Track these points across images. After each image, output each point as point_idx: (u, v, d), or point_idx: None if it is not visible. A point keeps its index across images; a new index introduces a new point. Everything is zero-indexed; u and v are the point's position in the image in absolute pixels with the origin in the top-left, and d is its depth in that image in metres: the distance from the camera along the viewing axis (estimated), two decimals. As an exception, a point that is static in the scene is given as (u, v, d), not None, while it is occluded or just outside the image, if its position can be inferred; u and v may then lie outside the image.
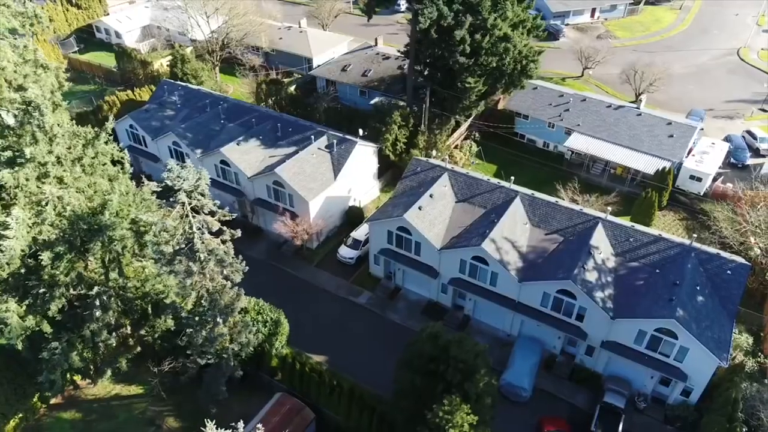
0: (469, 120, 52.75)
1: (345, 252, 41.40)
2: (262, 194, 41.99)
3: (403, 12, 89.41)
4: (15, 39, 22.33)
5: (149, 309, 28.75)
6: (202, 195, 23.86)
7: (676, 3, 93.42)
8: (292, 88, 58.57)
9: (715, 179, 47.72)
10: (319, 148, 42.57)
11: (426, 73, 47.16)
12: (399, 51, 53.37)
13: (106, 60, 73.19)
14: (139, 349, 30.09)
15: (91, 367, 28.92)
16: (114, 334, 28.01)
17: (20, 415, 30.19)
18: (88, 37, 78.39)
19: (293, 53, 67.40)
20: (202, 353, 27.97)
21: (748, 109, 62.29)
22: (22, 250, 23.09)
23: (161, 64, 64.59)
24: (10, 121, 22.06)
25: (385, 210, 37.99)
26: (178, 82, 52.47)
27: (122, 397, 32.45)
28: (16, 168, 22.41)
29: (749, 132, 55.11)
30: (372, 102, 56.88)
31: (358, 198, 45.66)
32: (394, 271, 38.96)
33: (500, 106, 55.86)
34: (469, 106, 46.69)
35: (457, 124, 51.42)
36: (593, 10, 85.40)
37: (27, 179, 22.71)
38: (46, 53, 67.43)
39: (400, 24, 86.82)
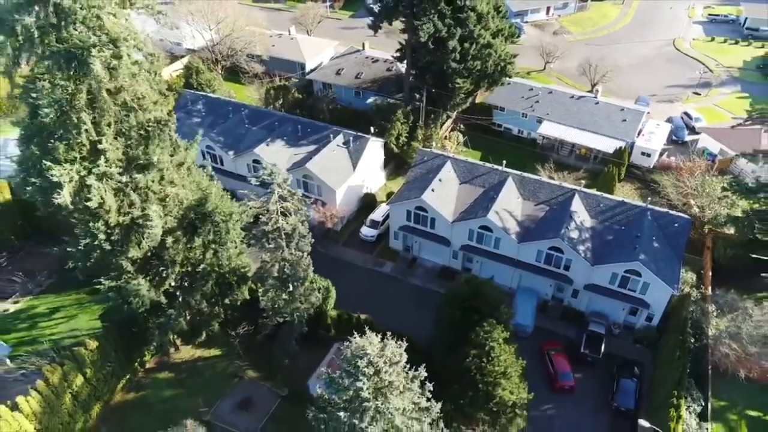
0: (454, 113, 61.13)
1: (366, 231, 49.11)
2: (292, 187, 48.94)
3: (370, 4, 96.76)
4: (150, 75, 28.58)
5: (234, 281, 35.72)
6: (288, 186, 31.15)
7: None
8: (293, 92, 65.12)
9: (661, 154, 57.76)
10: (338, 145, 49.93)
11: (420, 75, 54.83)
12: (392, 56, 60.87)
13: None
14: (223, 315, 36.96)
15: (189, 330, 35.72)
16: (209, 302, 34.93)
17: (127, 376, 36.77)
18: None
19: (287, 59, 73.87)
20: (280, 314, 35.24)
21: (685, 93, 73.09)
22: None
23: (170, 74, 69.81)
24: (141, 134, 28.62)
25: (402, 194, 45.90)
26: (199, 92, 58.44)
27: (205, 359, 39.32)
28: (146, 173, 29.05)
29: (686, 113, 65.69)
30: (368, 102, 64.48)
31: (369, 186, 53.33)
32: (412, 244, 47.01)
33: (478, 101, 64.41)
34: (458, 103, 54.98)
35: (446, 118, 59.69)
36: (548, 8, 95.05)
37: (153, 181, 29.37)
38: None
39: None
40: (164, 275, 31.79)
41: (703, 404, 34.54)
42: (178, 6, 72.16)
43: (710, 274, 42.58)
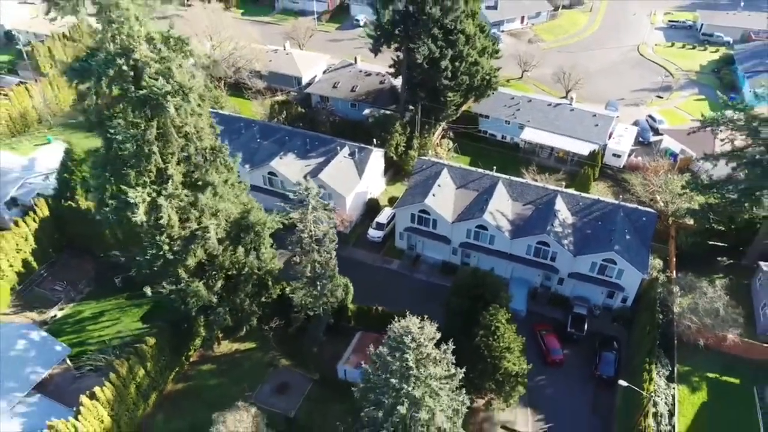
0: (444, 122, 67.09)
1: (373, 233, 54.75)
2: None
3: (362, 26, 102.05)
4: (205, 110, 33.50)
5: (269, 281, 41.00)
6: (321, 200, 36.63)
7: (587, 6, 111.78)
8: (296, 106, 70.20)
9: (629, 155, 64.71)
10: (344, 156, 55.42)
11: (414, 90, 60.54)
12: (387, 72, 66.41)
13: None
14: (258, 311, 42.16)
15: (233, 326, 40.90)
16: (249, 301, 40.17)
17: (176, 368, 41.79)
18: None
19: (284, 73, 78.85)
20: (310, 308, 40.68)
21: (649, 96, 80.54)
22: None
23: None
24: (200, 160, 33.75)
25: (406, 199, 51.67)
26: (211, 110, 63.05)
27: (242, 352, 44.49)
28: (204, 192, 34.17)
29: (650, 116, 72.93)
30: (364, 113, 70.00)
31: (372, 191, 58.96)
32: (416, 243, 52.83)
33: (465, 109, 70.32)
34: (449, 114, 60.93)
35: (438, 127, 65.61)
36: (522, 18, 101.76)
37: (209, 198, 34.50)
38: (58, 85, 75.23)
39: (361, 38, 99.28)
40: (215, 278, 36.96)
41: (671, 369, 41.22)
42: (183, 26, 76.36)
43: (674, 259, 49.38)
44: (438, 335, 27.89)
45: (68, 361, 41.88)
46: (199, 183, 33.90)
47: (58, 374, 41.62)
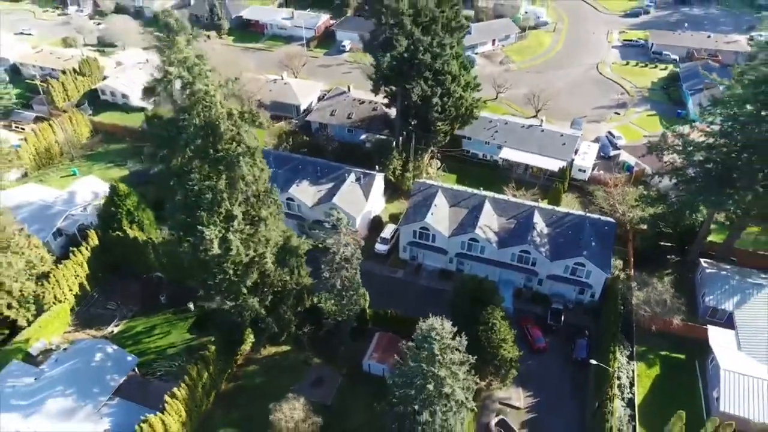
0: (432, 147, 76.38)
1: (379, 247, 63.58)
2: (319, 217, 62.72)
3: (348, 51, 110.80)
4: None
5: (304, 294, 49.50)
6: (349, 227, 45.37)
7: (550, 26, 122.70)
8: (302, 136, 78.46)
9: (593, 169, 75.10)
10: (352, 182, 64.08)
11: (408, 120, 69.53)
12: (382, 104, 75.29)
13: (117, 119, 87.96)
14: (296, 320, 50.54)
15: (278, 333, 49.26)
16: (290, 311, 48.63)
17: (228, 370, 49.94)
18: (91, 100, 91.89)
19: (284, 102, 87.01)
20: (338, 315, 49.31)
21: (608, 113, 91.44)
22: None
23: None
24: (255, 200, 42.10)
25: (408, 218, 60.70)
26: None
27: (280, 354, 52.76)
28: (259, 226, 42.49)
29: (610, 132, 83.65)
30: (360, 138, 78.85)
31: (375, 210, 67.78)
32: (417, 254, 61.91)
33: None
34: (439, 140, 70.24)
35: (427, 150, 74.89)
36: (493, 40, 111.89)
37: (263, 230, 42.85)
38: (76, 120, 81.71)
39: (348, 62, 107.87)
40: (266, 295, 45.35)
41: (631, 349, 51.35)
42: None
43: (632, 260, 59.67)
44: (455, 329, 37.02)
45: (136, 369, 49.56)
46: (256, 219, 42.28)
47: (125, 380, 49.24)
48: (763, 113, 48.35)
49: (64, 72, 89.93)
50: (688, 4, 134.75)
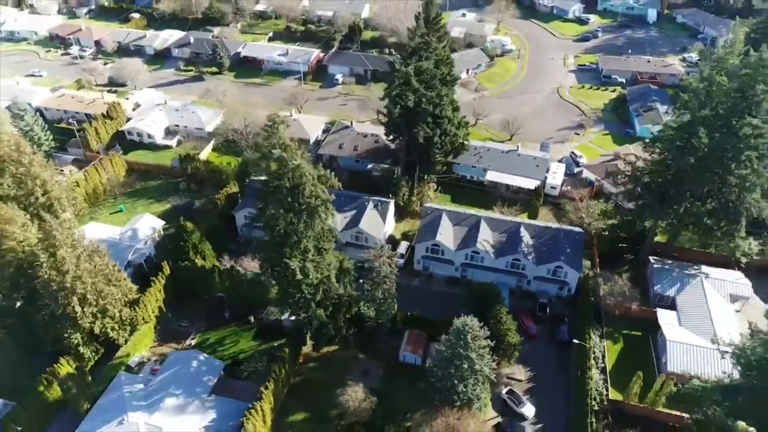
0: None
1: (397, 261, 77.69)
2: (347, 239, 76.37)
3: (341, 84, 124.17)
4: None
5: (352, 304, 63.23)
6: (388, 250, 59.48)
7: (515, 53, 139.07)
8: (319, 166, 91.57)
9: (562, 185, 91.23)
10: (371, 209, 77.95)
11: (411, 154, 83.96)
12: (386, 138, 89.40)
13: (146, 158, 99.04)
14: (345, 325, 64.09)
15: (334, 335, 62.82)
16: (343, 318, 62.32)
17: (294, 367, 63.19)
18: (119, 141, 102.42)
19: (296, 137, 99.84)
20: (378, 319, 63.24)
21: (570, 134, 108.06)
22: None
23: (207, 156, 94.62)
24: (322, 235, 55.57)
25: (421, 237, 75.15)
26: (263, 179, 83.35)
27: (331, 352, 66.21)
28: (325, 254, 56.01)
29: (573, 152, 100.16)
30: (368, 167, 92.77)
31: (389, 230, 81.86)
32: (429, 265, 76.37)
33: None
34: (438, 169, 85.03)
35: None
36: (467, 69, 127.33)
37: (327, 257, 56.39)
38: (114, 161, 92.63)
39: (342, 95, 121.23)
40: (327, 306, 58.97)
41: (601, 330, 67.25)
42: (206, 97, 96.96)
43: (598, 261, 75.67)
44: (481, 323, 51.70)
45: (222, 373, 62.20)
46: (322, 249, 55.93)
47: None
48: (686, 150, 64.84)
49: (89, 116, 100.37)
50: (630, 28, 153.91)
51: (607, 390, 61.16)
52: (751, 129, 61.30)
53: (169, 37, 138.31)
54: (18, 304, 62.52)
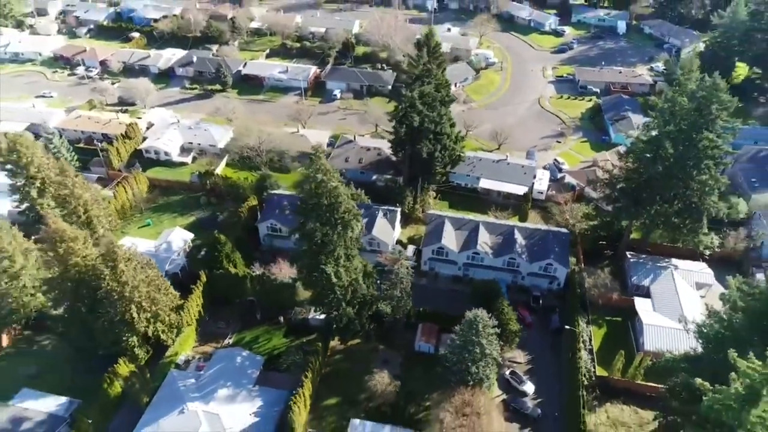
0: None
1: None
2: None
3: (340, 99, 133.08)
4: None
5: (373, 302, 72.41)
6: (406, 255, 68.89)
7: (498, 65, 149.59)
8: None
9: (547, 190, 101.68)
10: (381, 217, 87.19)
11: (413, 166, 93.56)
12: (391, 153, 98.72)
13: (165, 174, 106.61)
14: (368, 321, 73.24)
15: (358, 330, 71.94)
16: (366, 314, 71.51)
17: (323, 359, 72.13)
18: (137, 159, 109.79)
19: (304, 151, 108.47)
20: (395, 314, 72.58)
21: (551, 142, 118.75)
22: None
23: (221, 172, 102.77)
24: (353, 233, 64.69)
25: (427, 241, 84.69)
26: (281, 193, 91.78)
27: (353, 345, 75.23)
28: (352, 259, 65.13)
29: (555, 159, 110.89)
30: (372, 178, 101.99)
31: (397, 236, 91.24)
32: (434, 266, 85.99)
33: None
34: (438, 180, 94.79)
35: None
36: (456, 83, 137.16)
37: (353, 262, 65.52)
38: (138, 179, 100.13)
39: (341, 109, 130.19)
40: (354, 305, 68.11)
41: (587, 317, 77.68)
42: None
43: (582, 257, 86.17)
44: (489, 315, 61.43)
45: (262, 367, 70.72)
46: (351, 255, 65.06)
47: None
48: (655, 160, 75.63)
49: (106, 136, 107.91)
50: (602, 39, 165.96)
51: (594, 368, 71.43)
52: (708, 142, 72.31)
53: (171, 56, 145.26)
54: (62, 311, 69.76)
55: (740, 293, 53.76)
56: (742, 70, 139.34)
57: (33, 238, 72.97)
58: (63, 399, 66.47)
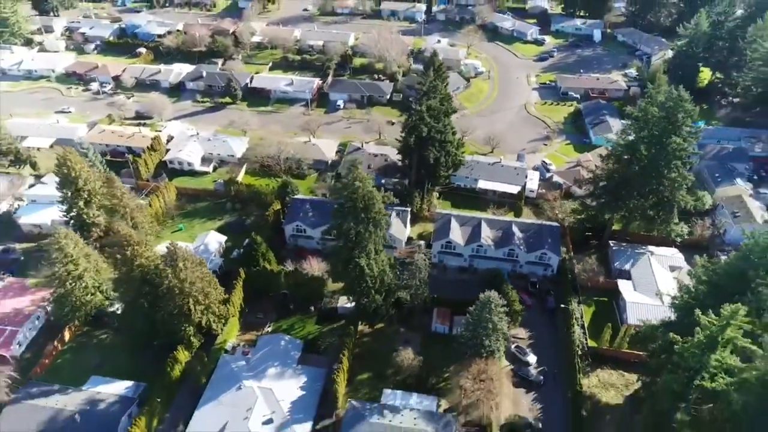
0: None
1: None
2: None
3: (343, 109, 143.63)
4: None
5: (395, 290, 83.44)
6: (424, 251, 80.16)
7: (486, 74, 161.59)
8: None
9: (538, 189, 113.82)
10: (395, 217, 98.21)
11: (419, 170, 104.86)
12: (399, 159, 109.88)
13: (190, 183, 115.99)
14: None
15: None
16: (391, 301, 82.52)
17: (354, 340, 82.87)
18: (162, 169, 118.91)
19: (317, 159, 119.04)
20: (414, 301, 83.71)
21: (539, 145, 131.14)
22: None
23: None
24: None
25: (437, 236, 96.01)
26: (301, 197, 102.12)
27: (378, 329, 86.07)
28: (379, 252, 76.08)
29: (543, 161, 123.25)
30: (381, 182, 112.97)
31: (407, 233, 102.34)
32: (443, 258, 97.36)
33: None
34: (441, 182, 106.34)
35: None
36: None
37: (380, 255, 76.41)
38: (168, 188, 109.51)
39: (345, 119, 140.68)
40: (381, 293, 79.08)
41: (578, 298, 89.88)
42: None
43: (571, 246, 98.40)
44: (500, 296, 73.04)
45: (300, 352, 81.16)
46: (379, 249, 76.02)
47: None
48: (632, 161, 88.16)
49: (131, 149, 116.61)
50: (580, 47, 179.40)
51: (586, 340, 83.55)
52: (677, 145, 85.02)
53: (181, 71, 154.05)
54: (122, 307, 79.76)
55: (703, 269, 66.23)
56: (706, 75, 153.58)
57: (100, 243, 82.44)
58: (129, 383, 76.09)
